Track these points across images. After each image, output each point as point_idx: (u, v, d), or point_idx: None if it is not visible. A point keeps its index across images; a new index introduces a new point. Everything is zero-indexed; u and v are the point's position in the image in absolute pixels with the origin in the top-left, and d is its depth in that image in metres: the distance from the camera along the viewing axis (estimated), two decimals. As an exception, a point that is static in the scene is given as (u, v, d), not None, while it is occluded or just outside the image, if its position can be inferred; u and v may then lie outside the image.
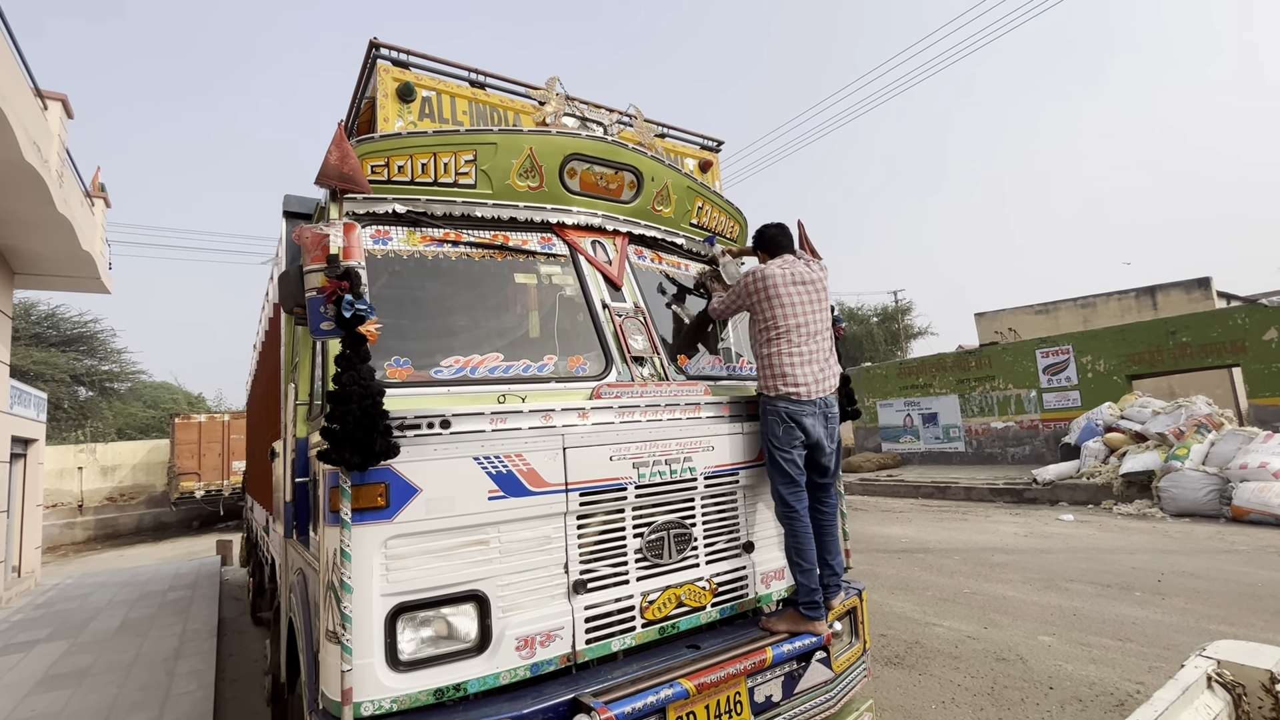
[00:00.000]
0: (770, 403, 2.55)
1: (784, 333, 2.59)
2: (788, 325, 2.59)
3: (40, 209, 6.83)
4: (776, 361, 2.57)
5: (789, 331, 2.59)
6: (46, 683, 4.77)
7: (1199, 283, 19.44)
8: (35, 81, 6.45)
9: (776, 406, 2.53)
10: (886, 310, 34.52)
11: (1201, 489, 8.55)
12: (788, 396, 2.52)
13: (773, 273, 2.65)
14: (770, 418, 2.54)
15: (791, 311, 2.61)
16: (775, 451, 2.51)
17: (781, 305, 2.61)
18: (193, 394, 31.69)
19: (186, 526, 19.11)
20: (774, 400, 2.54)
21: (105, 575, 10.18)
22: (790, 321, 2.60)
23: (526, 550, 2.02)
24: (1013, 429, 14.85)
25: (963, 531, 8.80)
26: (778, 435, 2.51)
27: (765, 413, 2.57)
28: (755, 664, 2.17)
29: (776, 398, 2.53)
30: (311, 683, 1.99)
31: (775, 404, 2.53)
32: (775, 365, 2.56)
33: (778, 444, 2.50)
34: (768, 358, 2.59)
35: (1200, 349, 12.28)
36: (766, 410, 2.56)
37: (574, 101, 2.95)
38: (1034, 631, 4.71)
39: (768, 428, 2.55)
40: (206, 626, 6.17)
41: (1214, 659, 1.52)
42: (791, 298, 2.62)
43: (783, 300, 2.61)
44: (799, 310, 2.63)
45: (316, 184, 1.95)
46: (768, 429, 2.55)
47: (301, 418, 2.41)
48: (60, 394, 21.78)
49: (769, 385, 2.57)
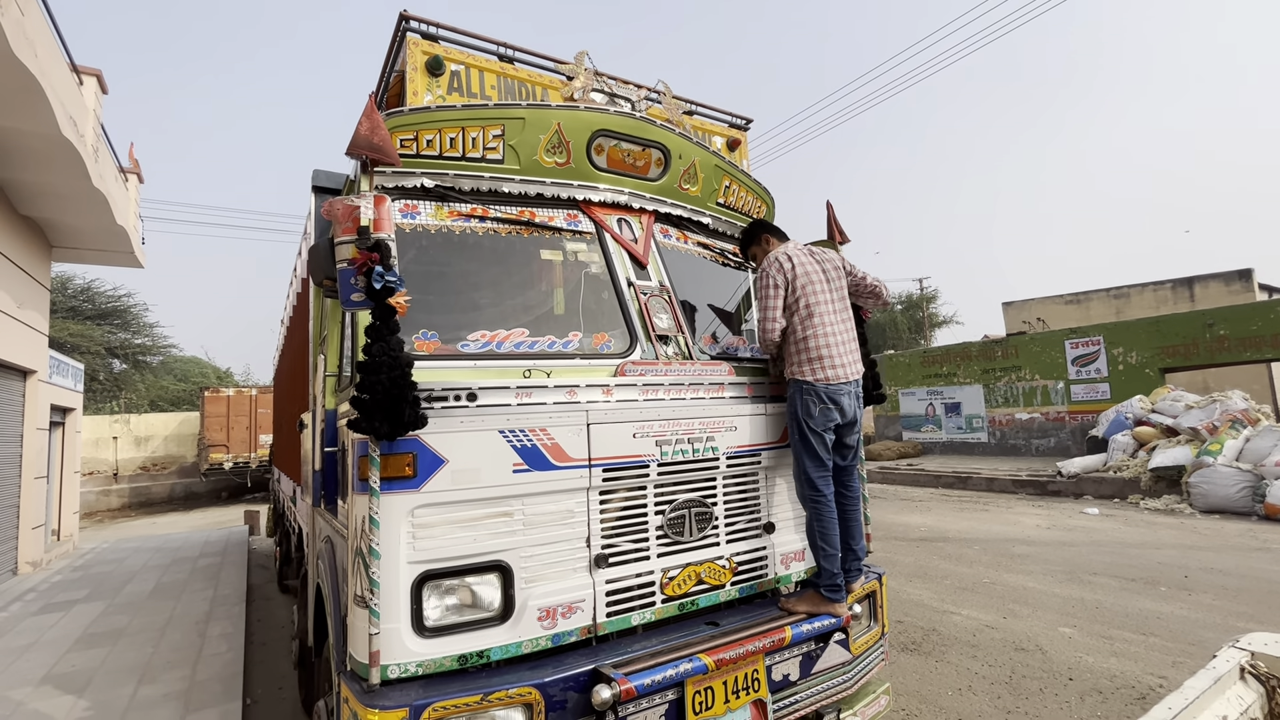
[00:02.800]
0: (808, 384, 2.50)
1: (818, 315, 2.56)
2: (820, 308, 2.57)
3: (76, 183, 6.98)
4: (814, 344, 2.53)
5: (822, 314, 2.57)
6: (85, 640, 4.97)
7: (1240, 274, 18.79)
8: (71, 56, 6.56)
9: (815, 387, 2.48)
10: (911, 298, 33.97)
11: (1234, 485, 8.35)
12: (830, 380, 2.49)
13: (792, 254, 2.64)
14: (807, 397, 2.49)
15: (818, 293, 2.59)
16: (808, 433, 2.47)
17: (813, 288, 2.59)
18: (221, 369, 32.42)
19: (215, 497, 19.70)
20: (812, 382, 2.49)
21: (139, 541, 10.55)
22: (819, 304, 2.58)
23: (549, 523, 2.04)
24: (1038, 420, 14.60)
25: (983, 522, 8.71)
26: (813, 415, 2.47)
27: (801, 393, 2.51)
28: (774, 642, 2.18)
29: (815, 380, 2.49)
30: (340, 646, 2.05)
31: (814, 385, 2.49)
32: (813, 347, 2.52)
33: (813, 425, 2.46)
34: (803, 340, 2.54)
35: (1238, 342, 11.91)
36: (803, 390, 2.50)
37: (602, 77, 2.92)
38: (1054, 623, 4.66)
39: (802, 408, 2.49)
40: (236, 592, 6.37)
41: (1248, 650, 1.49)
42: (814, 281, 2.60)
43: (814, 283, 2.59)
44: (826, 293, 2.61)
45: (348, 154, 1.96)
46: (802, 409, 2.49)
47: (330, 389, 2.44)
48: (96, 366, 22.43)
49: (805, 369, 2.52)
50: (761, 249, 2.82)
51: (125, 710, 3.64)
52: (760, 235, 2.84)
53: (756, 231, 2.87)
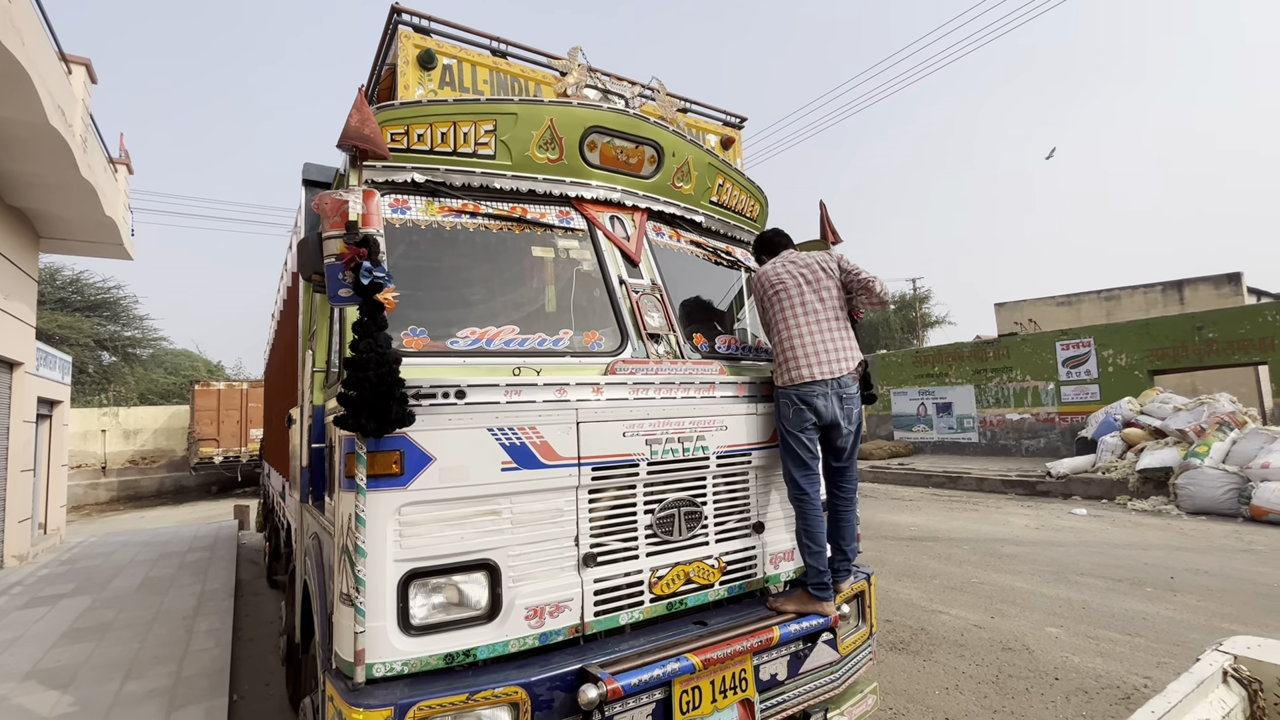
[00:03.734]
0: (779, 388, 2.60)
1: (787, 321, 2.64)
2: (792, 313, 2.64)
3: (64, 173, 6.90)
4: (786, 348, 2.61)
5: (793, 318, 2.63)
6: (71, 635, 4.93)
7: (1229, 278, 18.95)
8: (60, 45, 6.48)
9: (786, 391, 2.56)
10: (904, 298, 34.09)
11: (1220, 487, 8.43)
12: (795, 381, 2.55)
13: (766, 270, 2.76)
14: (781, 401, 2.58)
15: (789, 299, 2.66)
16: (786, 434, 2.54)
17: (785, 295, 2.67)
18: (212, 362, 32.19)
19: (205, 491, 19.56)
20: (782, 386, 2.58)
21: (127, 535, 10.47)
22: (792, 309, 2.65)
23: (538, 522, 2.03)
24: (1028, 421, 14.69)
25: (973, 522, 8.76)
26: (788, 417, 2.53)
27: (777, 396, 2.61)
28: (762, 642, 2.18)
29: (786, 384, 2.57)
30: (325, 643, 2.03)
31: (784, 389, 2.57)
32: (784, 352, 2.61)
33: (789, 426, 2.53)
34: (777, 346, 2.65)
35: (1227, 345, 12.02)
36: (778, 394, 2.60)
37: (596, 73, 2.90)
38: (1041, 623, 4.70)
39: (780, 410, 2.58)
40: (224, 587, 6.33)
41: (1230, 654, 1.50)
42: (788, 288, 2.67)
43: (788, 289, 2.67)
44: (800, 296, 2.66)
45: (338, 147, 1.94)
46: (780, 411, 2.58)
47: (319, 384, 2.43)
48: (84, 358, 22.23)
49: (777, 373, 2.62)
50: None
51: (111, 706, 3.61)
52: (759, 255, 3.00)
53: (757, 251, 3.01)
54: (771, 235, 2.98)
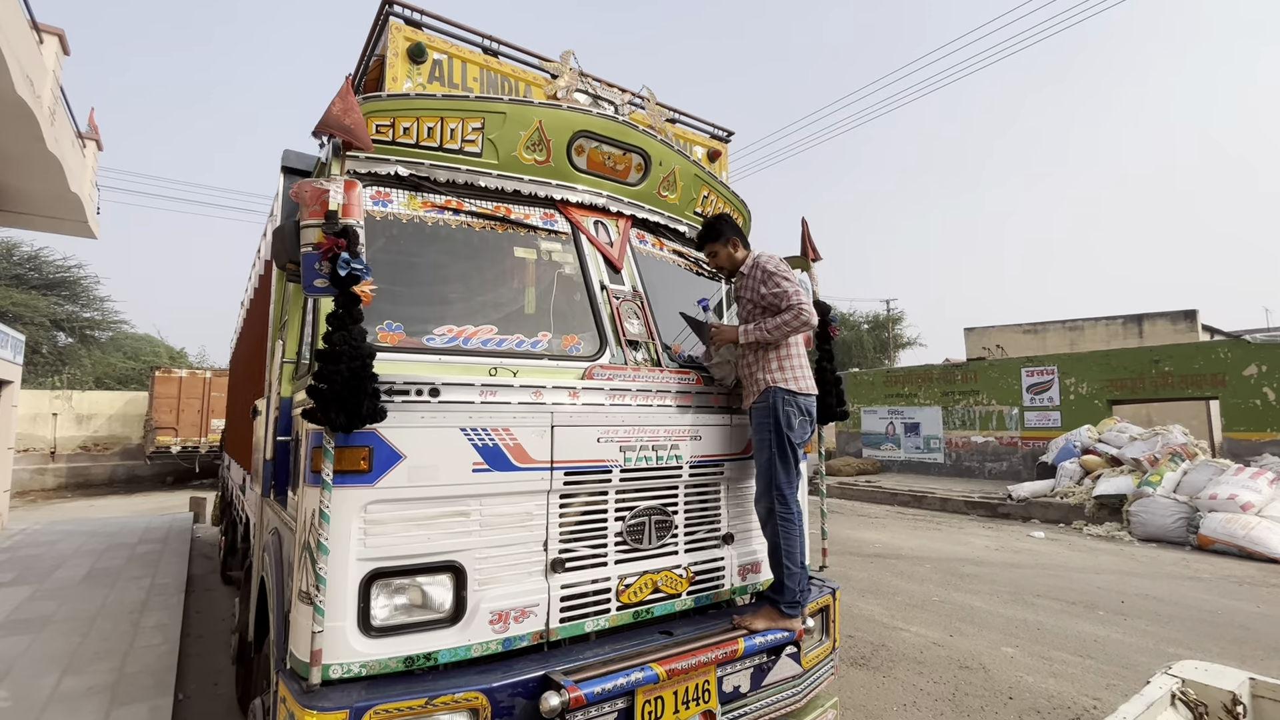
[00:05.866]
0: (790, 395, 2.48)
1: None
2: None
3: (29, 145, 6.66)
4: (793, 353, 2.55)
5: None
6: (7, 627, 4.70)
7: (1185, 314, 19.70)
8: (32, 13, 6.26)
9: (797, 399, 2.49)
10: (878, 318, 34.71)
11: (1170, 516, 8.71)
12: (805, 390, 2.52)
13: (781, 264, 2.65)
14: (789, 409, 2.47)
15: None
16: (792, 446, 2.46)
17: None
18: (175, 348, 31.21)
19: (160, 481, 18.91)
20: (794, 394, 2.49)
21: (74, 524, 10.06)
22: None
23: (507, 525, 2.01)
24: (992, 444, 15.02)
25: (935, 541, 8.91)
26: (794, 428, 2.47)
27: (782, 404, 2.47)
28: (726, 654, 2.18)
29: (798, 392, 2.50)
30: (280, 642, 1.97)
31: (795, 397, 2.49)
32: (793, 357, 2.55)
33: (795, 438, 2.46)
34: (785, 347, 2.54)
35: (1182, 379, 12.46)
36: (784, 402, 2.47)
37: (587, 78, 2.91)
38: (998, 642, 4.78)
39: (785, 419, 2.46)
40: (175, 581, 6.11)
41: (1179, 678, 1.54)
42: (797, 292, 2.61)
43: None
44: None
45: (315, 134, 1.90)
46: (785, 421, 2.46)
47: (288, 376, 2.36)
48: (39, 338, 21.37)
49: (786, 377, 2.49)
50: (726, 250, 2.74)
51: (46, 702, 3.45)
52: (729, 237, 2.74)
53: (723, 231, 2.75)
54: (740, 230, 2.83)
